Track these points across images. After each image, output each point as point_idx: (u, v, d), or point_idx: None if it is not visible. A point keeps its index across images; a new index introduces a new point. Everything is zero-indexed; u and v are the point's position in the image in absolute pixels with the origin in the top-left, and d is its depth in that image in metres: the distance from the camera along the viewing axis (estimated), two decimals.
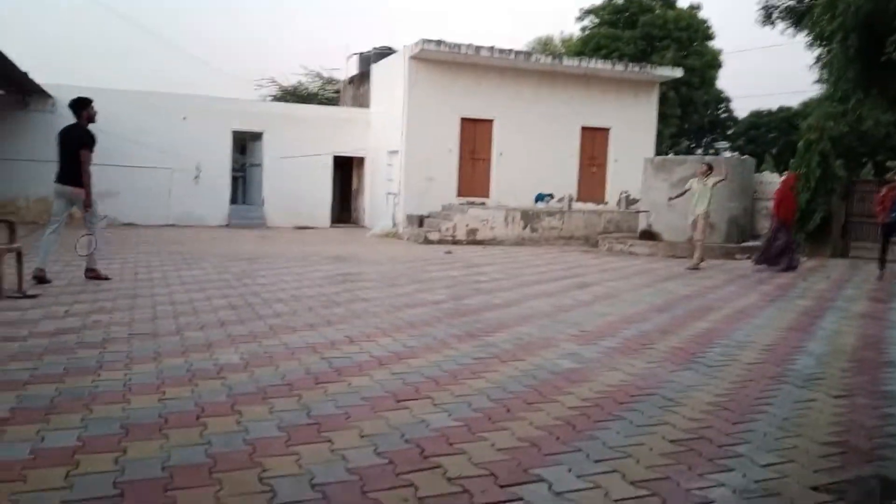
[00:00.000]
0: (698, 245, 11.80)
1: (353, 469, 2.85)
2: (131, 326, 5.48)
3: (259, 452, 3.00)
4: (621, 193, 18.73)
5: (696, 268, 11.48)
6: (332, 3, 61.16)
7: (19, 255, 6.95)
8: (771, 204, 13.96)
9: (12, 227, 7.40)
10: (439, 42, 16.91)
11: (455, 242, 15.56)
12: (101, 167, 17.20)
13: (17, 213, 16.08)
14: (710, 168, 12.07)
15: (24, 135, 16.73)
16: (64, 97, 16.84)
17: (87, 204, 7.65)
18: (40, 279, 7.37)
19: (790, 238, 12.10)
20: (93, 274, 7.96)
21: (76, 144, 7.71)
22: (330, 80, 29.66)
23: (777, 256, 11.90)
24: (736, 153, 33.45)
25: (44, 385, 3.82)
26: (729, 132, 37.18)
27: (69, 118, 8.34)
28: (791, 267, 11.70)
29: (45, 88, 16.01)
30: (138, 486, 2.64)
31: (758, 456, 3.14)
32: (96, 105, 8.36)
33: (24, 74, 13.91)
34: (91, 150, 7.76)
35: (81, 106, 7.93)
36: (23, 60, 13.01)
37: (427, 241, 15.52)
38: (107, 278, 8.00)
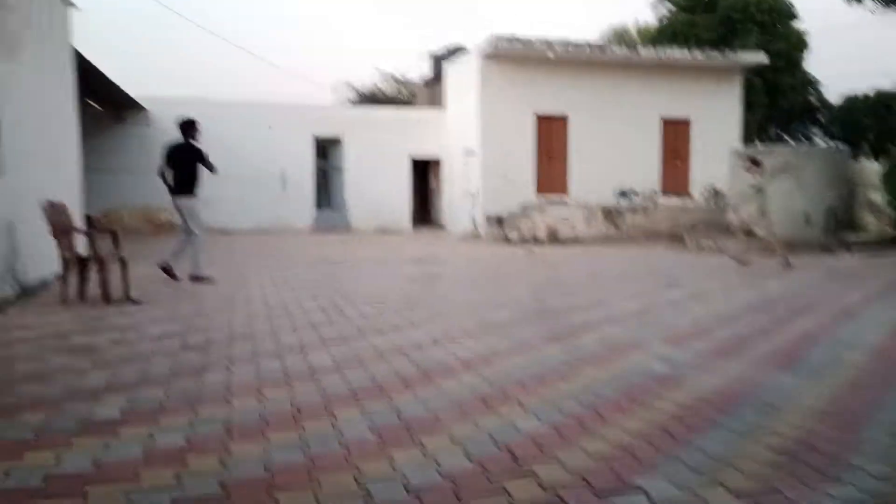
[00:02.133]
0: (777, 243, 11.17)
1: (445, 473, 2.87)
2: (230, 329, 5.72)
3: (354, 454, 3.06)
4: (706, 187, 18.11)
5: (787, 264, 10.95)
6: (403, 4, 61.84)
7: (123, 263, 7.36)
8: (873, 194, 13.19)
9: (116, 236, 7.85)
10: (511, 39, 16.82)
11: (536, 241, 15.45)
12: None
13: (120, 223, 17.08)
14: (754, 163, 11.37)
15: (123, 148, 17.75)
16: (158, 110, 17.82)
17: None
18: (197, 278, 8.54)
19: None
20: (196, 278, 8.66)
21: (194, 158, 8.80)
22: (404, 82, 30.03)
23: None
24: (829, 140, 31.73)
25: (152, 387, 4.04)
26: (821, 118, 35.25)
27: (164, 130, 8.99)
28: None
29: (140, 102, 16.91)
30: (243, 486, 2.74)
31: (872, 466, 2.96)
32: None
33: (119, 89, 14.72)
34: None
35: (190, 126, 9.02)
36: (115, 76, 13.79)
37: (507, 241, 15.48)
38: (177, 279, 8.62)
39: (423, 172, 21.63)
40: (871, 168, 15.43)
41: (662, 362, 4.75)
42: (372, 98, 30.34)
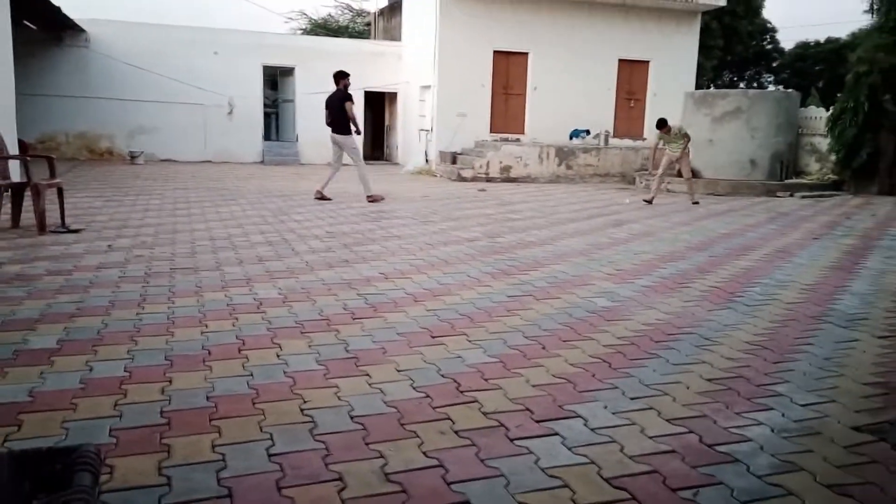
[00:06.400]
0: (690, 183, 12.28)
1: (390, 402, 2.90)
2: (172, 261, 5.59)
3: (299, 385, 3.06)
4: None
5: (696, 202, 11.87)
6: None
7: (60, 191, 7.07)
8: (816, 140, 13.51)
9: (52, 162, 7.51)
10: None
11: (489, 180, 15.43)
12: (136, 103, 17.44)
13: (58, 150, 16.36)
14: (663, 126, 11.97)
15: (60, 71, 16.84)
16: (97, 32, 16.91)
17: (358, 131, 10.66)
18: (321, 198, 10.36)
19: None
20: (372, 199, 10.31)
21: (339, 102, 10.34)
22: (360, 13, 29.07)
23: None
24: (780, 86, 32.22)
25: (90, 318, 3.94)
26: (774, 64, 35.70)
27: (105, 53, 8.61)
28: None
29: (78, 24, 15.98)
30: (184, 415, 2.72)
31: (798, 396, 3.11)
32: (128, 39, 8.57)
33: (57, 9, 13.86)
34: (352, 103, 10.45)
35: (340, 77, 10.60)
36: None
37: (460, 179, 15.41)
38: (382, 199, 10.42)
39: (378, 107, 21.20)
40: (818, 114, 15.74)
41: (606, 298, 4.85)
42: (325, 28, 29.29)
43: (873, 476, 2.39)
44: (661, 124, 11.96)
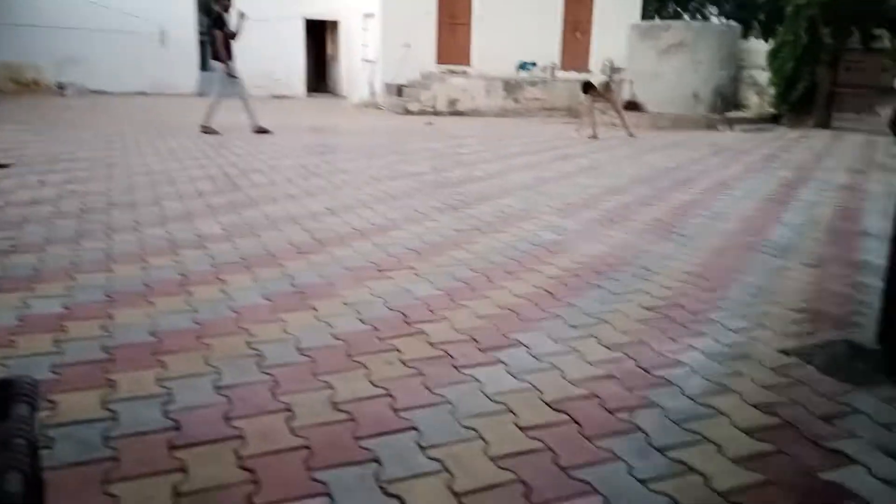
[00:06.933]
0: (622, 116, 12.49)
1: (338, 335, 2.92)
2: (108, 196, 5.40)
3: (245, 319, 3.04)
4: (604, 62, 18.19)
5: (631, 135, 12.04)
6: None
7: None
8: (757, 73, 13.66)
9: None
10: None
11: (436, 113, 15.24)
12: (63, 30, 16.40)
13: None
14: (590, 87, 11.87)
15: None
16: None
17: (228, 72, 9.70)
18: (260, 131, 10.03)
19: None
20: (205, 128, 9.79)
21: (210, 27, 9.83)
22: None
23: None
24: (723, 18, 32.35)
25: (25, 255, 3.80)
26: None
27: None
28: None
29: None
30: (127, 350, 2.68)
31: (730, 322, 3.26)
32: None
33: None
34: (220, 30, 9.65)
35: None
36: None
37: (407, 112, 15.18)
38: (213, 132, 9.72)
39: (319, 37, 20.48)
40: (758, 47, 15.96)
41: (551, 231, 4.93)
42: None
43: (799, 396, 2.55)
44: (588, 87, 11.74)
